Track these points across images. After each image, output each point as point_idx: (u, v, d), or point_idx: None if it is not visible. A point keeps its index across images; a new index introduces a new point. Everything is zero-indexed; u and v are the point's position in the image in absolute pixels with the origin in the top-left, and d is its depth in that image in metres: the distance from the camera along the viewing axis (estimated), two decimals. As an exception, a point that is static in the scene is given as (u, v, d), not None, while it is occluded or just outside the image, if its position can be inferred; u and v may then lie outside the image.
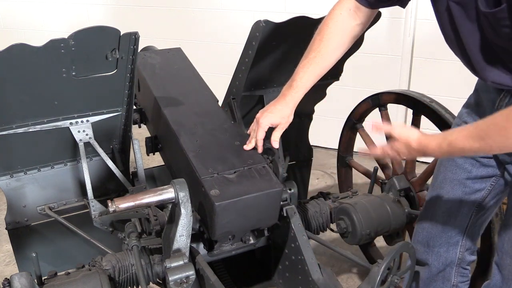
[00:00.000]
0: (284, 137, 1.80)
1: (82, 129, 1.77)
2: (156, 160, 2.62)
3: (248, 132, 1.82)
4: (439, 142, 1.29)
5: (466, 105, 1.62)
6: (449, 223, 1.69)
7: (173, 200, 1.48)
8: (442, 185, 1.69)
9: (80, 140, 1.77)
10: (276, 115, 1.70)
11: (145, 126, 2.31)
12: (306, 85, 1.66)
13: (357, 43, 2.12)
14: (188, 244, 1.55)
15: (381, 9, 1.95)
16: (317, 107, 2.45)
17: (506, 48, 1.25)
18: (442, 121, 2.02)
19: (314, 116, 2.48)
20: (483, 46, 1.31)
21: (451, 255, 1.73)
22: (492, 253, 1.87)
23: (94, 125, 1.78)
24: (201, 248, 1.76)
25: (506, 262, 1.51)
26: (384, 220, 1.97)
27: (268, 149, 1.78)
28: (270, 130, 1.75)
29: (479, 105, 1.53)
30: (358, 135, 2.54)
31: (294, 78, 1.66)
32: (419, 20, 3.43)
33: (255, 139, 1.75)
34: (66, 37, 1.47)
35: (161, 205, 1.79)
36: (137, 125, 2.27)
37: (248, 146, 1.77)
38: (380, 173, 2.24)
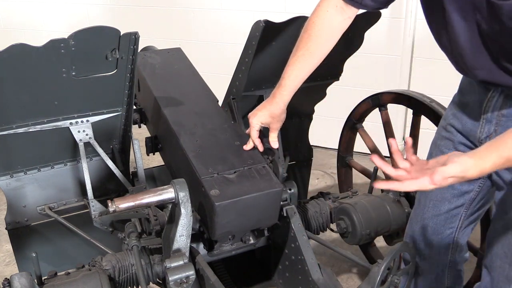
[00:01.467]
0: (284, 137, 1.80)
1: (82, 129, 1.77)
2: (156, 160, 2.62)
3: (247, 132, 1.82)
4: (494, 161, 1.13)
5: (451, 107, 1.61)
6: (439, 226, 1.68)
7: (173, 200, 1.48)
8: None
9: (80, 140, 1.77)
10: (265, 114, 1.70)
11: (145, 126, 2.31)
12: (294, 83, 1.65)
13: (357, 43, 2.13)
14: (188, 244, 1.55)
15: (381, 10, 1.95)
16: (317, 107, 2.45)
17: (503, 43, 1.24)
18: (442, 121, 2.02)
19: (314, 116, 2.47)
20: (476, 43, 1.30)
21: (443, 257, 1.73)
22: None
23: (94, 125, 1.78)
24: (201, 248, 1.76)
25: (496, 264, 1.49)
26: (384, 220, 1.97)
27: (268, 149, 1.78)
28: (267, 130, 1.75)
29: (465, 106, 1.52)
30: (358, 135, 2.54)
31: (283, 76, 1.66)
32: (419, 20, 3.43)
33: (252, 140, 1.76)
34: (66, 37, 1.47)
35: (161, 205, 1.79)
36: (137, 125, 2.27)
37: (247, 146, 1.77)
38: (380, 173, 2.24)
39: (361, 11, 1.61)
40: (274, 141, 1.74)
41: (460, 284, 1.81)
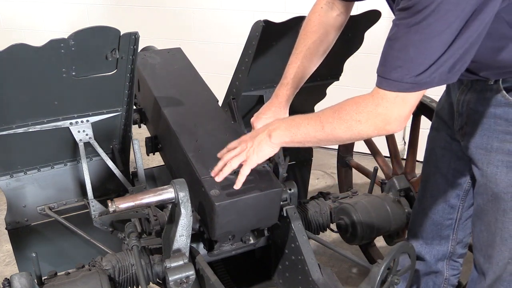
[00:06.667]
0: (284, 137, 1.80)
1: (82, 129, 1.77)
2: (156, 160, 2.62)
3: None
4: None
5: (441, 100, 1.66)
6: (438, 217, 1.72)
7: (173, 200, 1.48)
8: (428, 179, 1.73)
9: (80, 140, 1.77)
10: (269, 117, 1.65)
11: (145, 126, 2.31)
12: (296, 82, 1.65)
13: (357, 43, 2.13)
14: (188, 244, 1.55)
15: (380, 9, 1.96)
16: (317, 107, 2.45)
17: None
18: (442, 121, 2.03)
19: (314, 116, 2.47)
20: None
21: (443, 248, 1.76)
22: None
23: (94, 125, 1.78)
24: (201, 248, 1.76)
25: (475, 256, 1.55)
26: (384, 220, 1.97)
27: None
28: None
29: (449, 98, 1.56)
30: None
31: (285, 76, 1.66)
32: (419, 20, 3.43)
33: None
34: (66, 37, 1.47)
35: (161, 205, 1.79)
36: (137, 125, 2.27)
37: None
38: (380, 173, 2.24)
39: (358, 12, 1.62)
40: None
41: (457, 276, 1.84)
